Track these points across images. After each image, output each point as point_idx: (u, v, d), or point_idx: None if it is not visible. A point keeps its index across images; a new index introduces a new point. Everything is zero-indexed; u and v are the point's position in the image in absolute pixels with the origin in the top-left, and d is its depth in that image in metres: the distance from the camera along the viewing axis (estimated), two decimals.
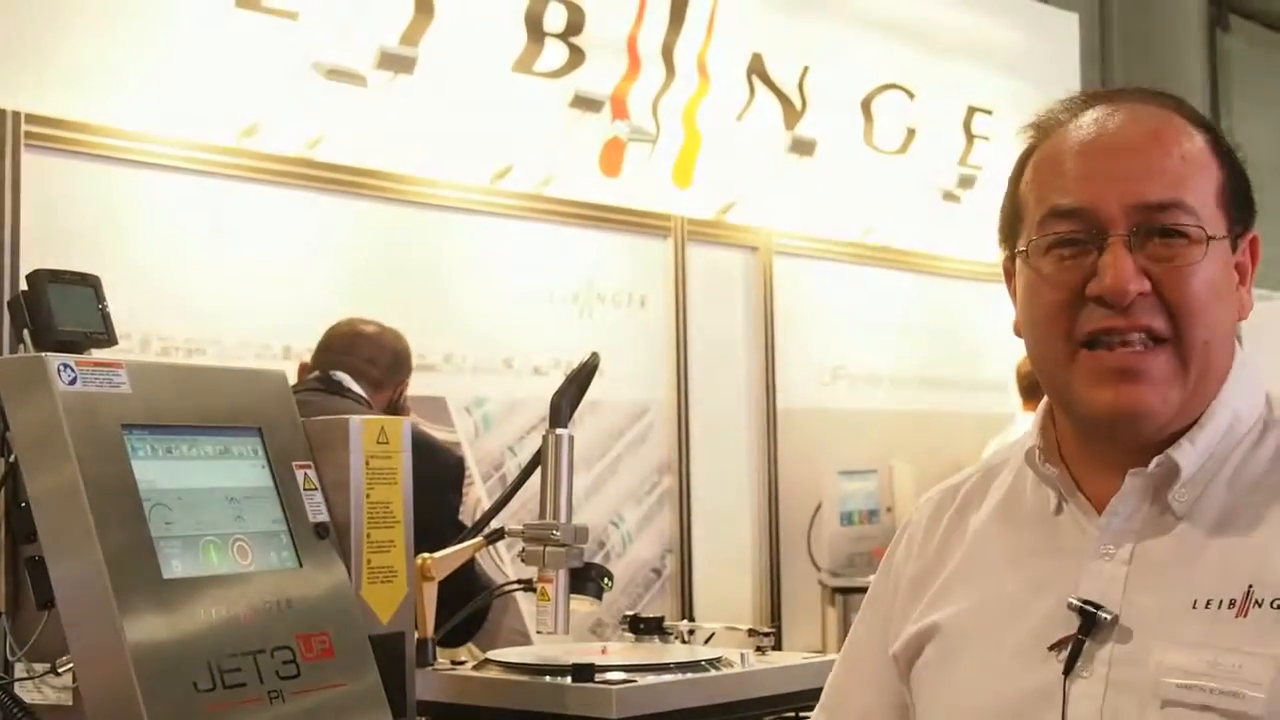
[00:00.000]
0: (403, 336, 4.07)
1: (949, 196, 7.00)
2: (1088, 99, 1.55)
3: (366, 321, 4.05)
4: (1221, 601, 1.41)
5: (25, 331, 1.97)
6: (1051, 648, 1.46)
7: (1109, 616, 1.44)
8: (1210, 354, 1.47)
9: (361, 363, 3.91)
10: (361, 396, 3.81)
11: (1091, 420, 1.48)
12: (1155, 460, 1.46)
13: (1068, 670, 1.44)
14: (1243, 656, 1.37)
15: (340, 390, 3.78)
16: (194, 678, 1.81)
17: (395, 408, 3.93)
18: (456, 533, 2.67)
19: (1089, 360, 1.45)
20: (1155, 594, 1.44)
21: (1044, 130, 1.55)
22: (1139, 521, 1.48)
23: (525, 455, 5.02)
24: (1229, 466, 1.48)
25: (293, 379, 3.90)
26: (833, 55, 6.53)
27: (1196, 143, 1.49)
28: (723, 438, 6.06)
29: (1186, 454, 1.46)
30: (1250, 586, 1.40)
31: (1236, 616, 1.40)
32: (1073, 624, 1.45)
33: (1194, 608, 1.41)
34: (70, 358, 1.88)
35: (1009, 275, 1.58)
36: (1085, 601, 1.45)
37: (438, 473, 3.65)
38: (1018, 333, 1.56)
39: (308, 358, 4.11)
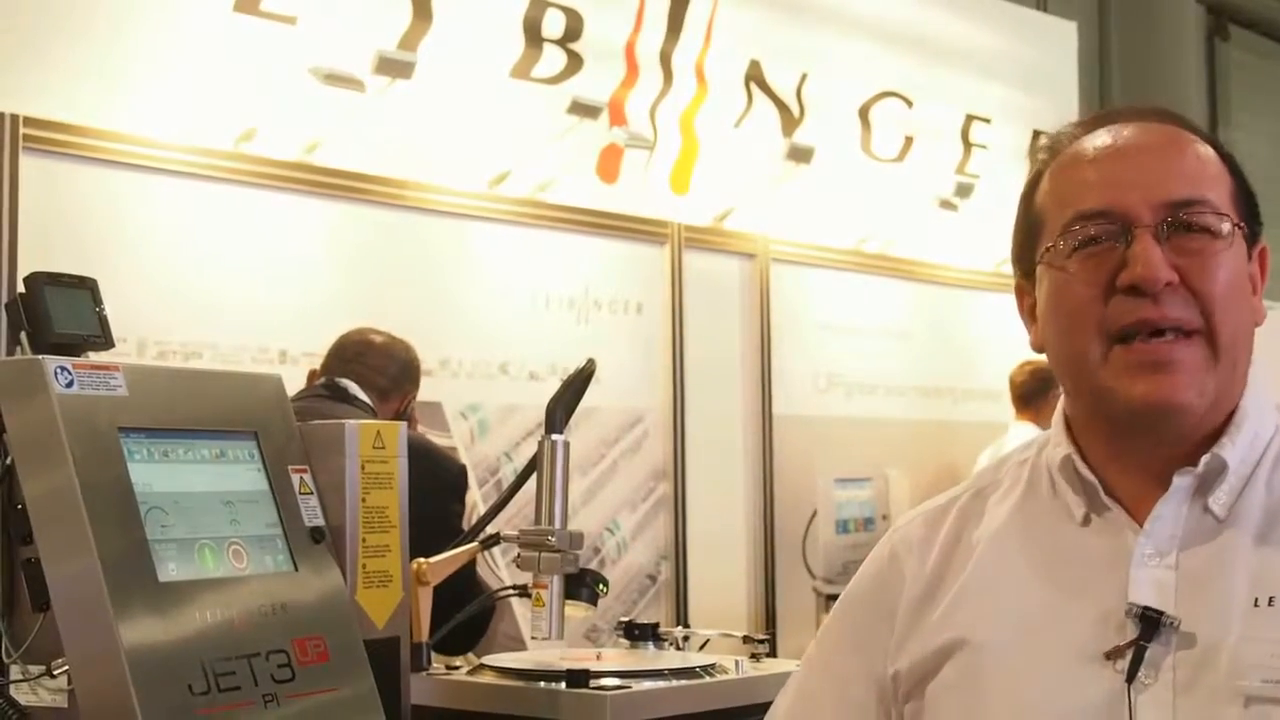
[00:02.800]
0: (412, 348, 4.07)
1: (946, 205, 6.99)
2: (1096, 119, 1.58)
3: (377, 331, 4.06)
4: None
5: (22, 334, 1.97)
6: (1109, 656, 1.43)
7: (1173, 620, 1.42)
8: (1238, 347, 1.48)
9: (369, 371, 3.91)
10: (367, 404, 3.81)
11: (1129, 414, 1.47)
12: (1204, 460, 1.47)
13: (1130, 678, 1.42)
14: None
15: (346, 397, 3.79)
16: (188, 681, 1.81)
17: (401, 418, 3.92)
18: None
19: (1123, 354, 1.45)
20: (1210, 596, 1.43)
21: (1055, 149, 1.57)
22: (1181, 525, 1.47)
23: (521, 461, 5.02)
24: (1262, 470, 1.49)
25: (294, 384, 3.90)
26: (831, 63, 6.53)
27: (1208, 152, 1.52)
28: (718, 444, 6.06)
29: (1230, 451, 1.47)
30: None
31: None
32: (1124, 631, 1.44)
33: (1256, 605, 1.41)
34: (67, 360, 1.88)
35: (1021, 295, 1.58)
36: (1146, 607, 1.43)
37: (440, 480, 3.65)
38: (1038, 348, 1.56)
39: (304, 362, 4.11)
